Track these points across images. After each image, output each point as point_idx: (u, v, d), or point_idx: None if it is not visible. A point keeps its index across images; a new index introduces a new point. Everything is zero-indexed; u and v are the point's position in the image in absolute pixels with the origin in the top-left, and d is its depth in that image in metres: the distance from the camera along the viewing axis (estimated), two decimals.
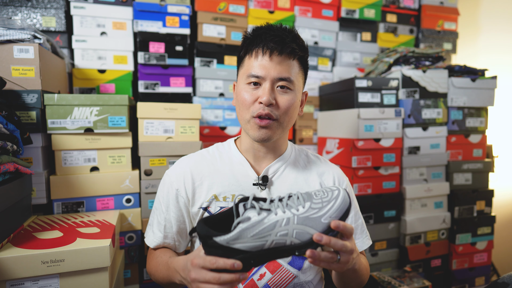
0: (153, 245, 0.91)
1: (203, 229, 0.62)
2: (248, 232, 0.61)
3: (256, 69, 0.81)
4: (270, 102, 0.80)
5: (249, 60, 0.84)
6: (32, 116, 1.12)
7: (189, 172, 0.89)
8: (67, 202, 1.20)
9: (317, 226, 0.62)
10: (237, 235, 0.61)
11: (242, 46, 0.87)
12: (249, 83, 0.83)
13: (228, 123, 1.69)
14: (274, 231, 0.61)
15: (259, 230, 0.61)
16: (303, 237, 0.62)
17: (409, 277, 1.51)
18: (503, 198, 2.22)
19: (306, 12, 1.83)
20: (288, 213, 0.62)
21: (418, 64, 1.67)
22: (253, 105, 0.82)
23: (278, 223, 0.61)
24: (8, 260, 0.81)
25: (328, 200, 0.64)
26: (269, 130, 0.83)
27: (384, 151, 1.57)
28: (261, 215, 0.62)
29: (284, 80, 0.82)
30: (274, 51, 0.80)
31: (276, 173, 0.90)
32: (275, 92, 0.82)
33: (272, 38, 0.80)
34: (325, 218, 0.62)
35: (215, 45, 1.67)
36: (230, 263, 0.60)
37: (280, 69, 0.81)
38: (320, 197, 0.65)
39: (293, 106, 0.84)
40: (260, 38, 0.82)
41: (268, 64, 0.80)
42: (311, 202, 0.64)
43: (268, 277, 0.84)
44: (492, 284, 0.96)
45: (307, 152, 0.99)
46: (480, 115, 1.75)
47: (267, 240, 0.61)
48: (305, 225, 0.62)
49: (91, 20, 1.51)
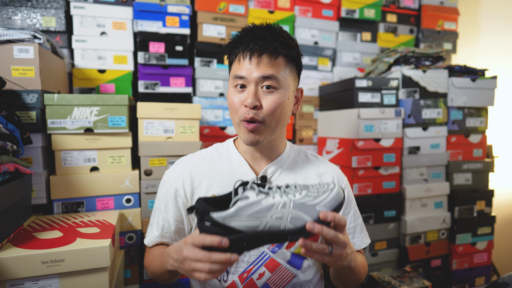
0: (150, 243, 0.92)
1: (202, 205, 0.64)
2: (245, 211, 0.63)
3: (238, 70, 0.82)
4: (253, 104, 0.79)
5: (234, 64, 0.85)
6: (32, 116, 1.12)
7: (188, 172, 0.89)
8: (67, 202, 1.20)
9: (312, 213, 0.64)
10: (234, 213, 0.63)
11: (227, 51, 0.88)
12: (236, 85, 0.83)
13: (228, 123, 1.69)
14: (270, 213, 0.63)
15: (255, 210, 0.63)
16: (297, 223, 0.63)
17: (409, 277, 1.51)
18: (503, 198, 2.22)
19: (306, 12, 1.83)
20: (285, 197, 0.65)
21: (418, 64, 1.67)
22: (240, 109, 0.82)
23: (274, 206, 0.64)
24: (8, 260, 0.81)
25: (324, 191, 0.66)
26: (257, 133, 0.82)
27: (384, 151, 1.57)
28: (259, 196, 0.64)
29: (268, 78, 0.80)
30: (254, 53, 0.80)
31: (275, 173, 0.90)
32: (260, 94, 0.81)
33: (252, 40, 0.80)
34: (320, 206, 0.64)
35: (215, 45, 1.67)
36: (217, 240, 0.61)
37: (263, 68, 0.80)
38: (316, 188, 0.67)
39: (280, 106, 0.82)
40: (241, 41, 0.82)
41: (250, 66, 0.80)
42: (307, 191, 0.66)
43: (268, 276, 0.85)
44: (492, 284, 0.96)
45: (306, 152, 0.99)
46: (480, 115, 1.75)
47: (262, 221, 0.63)
48: (300, 210, 0.64)
49: (91, 20, 1.51)
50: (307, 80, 1.86)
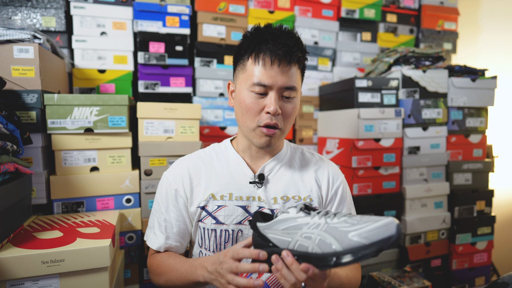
0: (156, 246, 0.91)
1: (254, 217, 0.71)
2: (280, 225, 0.64)
3: (263, 77, 0.79)
4: (278, 112, 0.81)
5: (254, 66, 0.81)
6: (32, 116, 1.12)
7: (187, 172, 0.90)
8: (67, 202, 1.20)
9: (342, 240, 0.55)
10: (272, 224, 0.65)
11: (245, 48, 0.84)
12: (254, 91, 0.81)
13: (228, 123, 1.69)
14: (301, 231, 0.61)
15: (289, 225, 0.63)
16: (324, 248, 0.57)
17: (409, 277, 1.51)
18: (503, 198, 2.22)
19: (306, 12, 1.83)
20: (322, 220, 0.60)
21: (418, 64, 1.67)
22: (259, 115, 0.82)
23: (307, 225, 0.61)
24: (8, 260, 0.81)
25: (367, 221, 0.56)
26: (273, 138, 0.84)
27: (384, 151, 1.57)
28: (298, 214, 0.64)
29: (290, 89, 0.82)
30: (282, 61, 0.79)
31: (272, 171, 0.91)
32: (281, 101, 0.83)
33: (280, 47, 0.79)
34: (353, 235, 0.54)
35: (215, 45, 1.67)
36: (255, 252, 0.65)
37: (286, 78, 0.81)
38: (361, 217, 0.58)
39: (295, 112, 0.86)
40: (267, 45, 0.79)
41: (276, 74, 0.80)
42: (348, 217, 0.59)
43: (266, 276, 0.85)
44: (492, 284, 0.96)
45: (303, 150, 1.00)
46: (480, 115, 1.74)
47: (292, 238, 0.62)
48: (330, 234, 0.57)
49: (91, 20, 1.51)
50: (307, 80, 1.86)
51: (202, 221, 0.88)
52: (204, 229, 0.88)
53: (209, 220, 0.87)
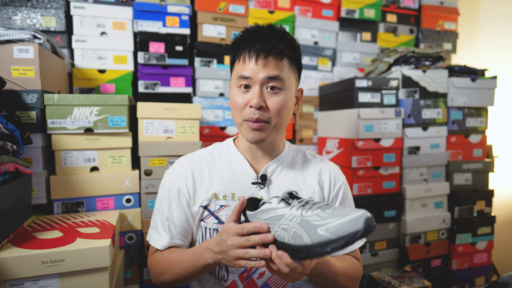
0: (161, 246, 0.89)
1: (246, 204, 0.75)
2: (263, 215, 0.68)
3: (244, 71, 0.82)
4: (259, 105, 0.80)
5: (238, 64, 0.85)
6: (32, 116, 1.12)
7: (190, 171, 0.90)
8: (67, 202, 1.20)
9: (311, 234, 0.57)
10: (257, 213, 0.69)
11: (231, 50, 0.89)
12: (240, 85, 0.84)
13: (228, 123, 1.69)
14: (279, 223, 0.64)
15: (269, 216, 0.67)
16: (297, 240, 0.59)
17: (409, 277, 1.51)
18: (503, 198, 2.22)
19: (306, 12, 1.83)
20: (298, 212, 0.62)
21: (418, 64, 1.67)
22: (244, 109, 0.83)
23: (285, 217, 0.64)
24: (8, 260, 0.81)
25: (338, 214, 0.56)
26: (262, 132, 0.84)
27: (384, 151, 1.57)
28: (279, 204, 0.66)
29: (274, 79, 0.82)
30: (260, 54, 0.80)
31: (275, 172, 0.91)
32: (265, 95, 0.82)
33: (258, 41, 0.81)
34: (321, 229, 0.56)
35: (215, 45, 1.67)
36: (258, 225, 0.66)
37: (268, 70, 0.81)
38: (333, 210, 0.59)
39: (285, 106, 0.84)
40: (246, 42, 0.82)
41: (255, 67, 0.81)
42: (321, 210, 0.60)
43: (268, 276, 0.85)
44: (492, 284, 0.96)
45: (304, 151, 1.01)
46: (480, 115, 1.75)
47: (272, 228, 0.65)
48: (303, 228, 0.59)
49: (91, 20, 1.51)
50: (307, 80, 1.86)
51: (204, 220, 0.88)
52: (206, 228, 0.88)
53: (211, 219, 0.87)
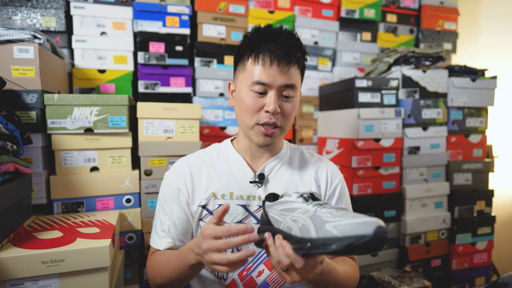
0: (159, 247, 0.89)
1: (267, 197, 0.77)
2: (280, 205, 0.69)
3: (263, 76, 0.81)
4: (277, 111, 0.82)
5: (254, 65, 0.83)
6: (32, 116, 1.12)
7: (188, 171, 0.90)
8: (67, 202, 1.20)
9: (319, 229, 0.56)
10: (274, 204, 0.70)
11: (245, 48, 0.85)
12: (254, 90, 0.82)
13: (228, 123, 1.69)
14: (291, 215, 0.64)
15: (285, 207, 0.67)
16: (304, 233, 0.58)
17: (409, 277, 1.51)
18: (503, 198, 2.22)
19: (306, 12, 1.83)
20: (313, 208, 0.62)
21: (418, 64, 1.67)
22: (258, 113, 0.83)
23: (298, 210, 0.64)
24: (8, 260, 0.81)
25: (350, 216, 0.55)
26: (273, 137, 0.85)
27: (384, 151, 1.57)
28: (297, 199, 0.67)
29: (289, 87, 0.83)
30: (282, 61, 0.80)
31: (272, 171, 0.92)
32: (279, 100, 0.83)
33: (280, 47, 0.80)
34: (330, 225, 0.55)
35: (215, 45, 1.67)
36: (243, 227, 0.63)
37: (286, 77, 0.82)
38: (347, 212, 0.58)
39: (294, 111, 0.87)
40: (266, 45, 0.81)
41: (275, 73, 0.81)
42: (336, 210, 0.59)
43: (266, 274, 0.86)
44: (492, 284, 0.96)
45: (302, 150, 1.01)
46: (480, 115, 1.74)
47: (283, 219, 0.65)
48: (312, 222, 0.58)
49: (91, 20, 1.51)
50: (307, 80, 1.86)
51: (203, 220, 0.88)
52: None
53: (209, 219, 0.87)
